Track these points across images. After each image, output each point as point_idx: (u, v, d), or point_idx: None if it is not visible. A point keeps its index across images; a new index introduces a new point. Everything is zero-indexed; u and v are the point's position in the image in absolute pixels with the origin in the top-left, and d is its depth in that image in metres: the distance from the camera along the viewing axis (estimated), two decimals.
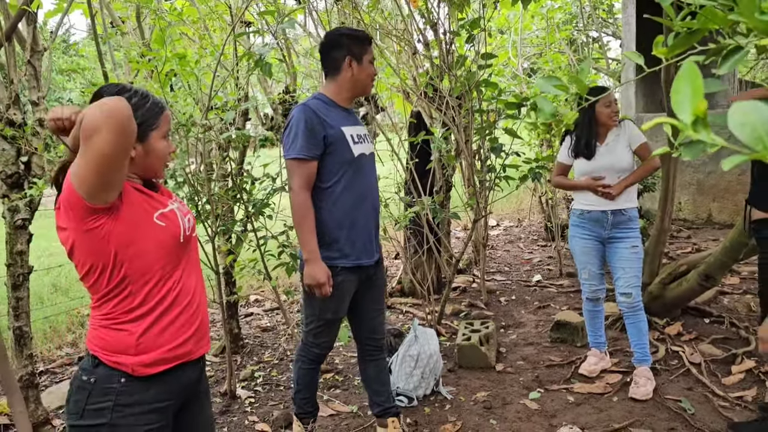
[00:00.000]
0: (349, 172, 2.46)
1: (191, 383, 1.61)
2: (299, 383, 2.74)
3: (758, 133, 0.49)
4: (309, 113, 2.40)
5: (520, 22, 7.14)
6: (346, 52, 2.46)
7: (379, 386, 2.80)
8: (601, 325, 3.47)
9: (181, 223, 1.55)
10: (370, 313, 2.71)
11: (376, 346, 2.77)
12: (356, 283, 2.56)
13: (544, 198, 6.58)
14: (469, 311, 4.67)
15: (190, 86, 3.52)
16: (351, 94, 2.55)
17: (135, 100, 1.50)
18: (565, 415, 2.99)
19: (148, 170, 1.56)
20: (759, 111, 0.50)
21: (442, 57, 4.18)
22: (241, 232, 3.71)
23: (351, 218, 2.48)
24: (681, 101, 0.53)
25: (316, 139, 2.39)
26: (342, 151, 2.44)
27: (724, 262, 3.70)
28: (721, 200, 6.83)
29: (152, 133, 1.52)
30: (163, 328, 1.50)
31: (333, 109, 2.49)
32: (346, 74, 2.48)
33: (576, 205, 3.29)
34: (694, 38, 0.99)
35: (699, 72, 0.53)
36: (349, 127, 2.49)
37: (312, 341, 2.65)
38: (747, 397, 3.04)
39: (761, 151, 0.49)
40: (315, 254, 2.39)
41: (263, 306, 5.20)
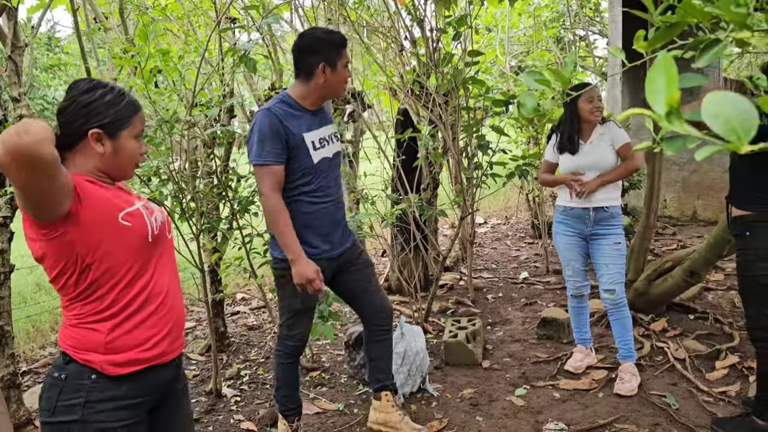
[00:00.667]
0: (309, 176, 2.51)
1: (166, 382, 1.60)
2: (278, 379, 2.78)
3: (732, 124, 0.48)
4: (272, 118, 2.42)
5: (507, 20, 7.15)
6: (321, 58, 2.44)
7: (383, 364, 2.88)
8: (586, 322, 3.48)
9: (147, 222, 1.52)
10: (366, 293, 2.77)
11: (385, 325, 2.82)
12: (327, 272, 2.59)
13: (531, 195, 6.60)
14: (456, 309, 4.67)
15: (175, 83, 3.48)
16: (320, 99, 2.56)
17: (109, 97, 1.49)
18: (551, 412, 3.00)
19: (116, 169, 1.53)
20: (733, 102, 0.49)
21: (428, 54, 4.17)
22: (227, 229, 3.68)
23: (313, 217, 2.54)
24: (655, 92, 0.52)
25: (281, 143, 2.42)
26: (302, 158, 2.48)
27: (709, 259, 3.73)
28: (706, 197, 6.88)
29: (123, 132, 1.50)
30: (134, 329, 1.48)
31: (297, 112, 2.50)
32: (318, 80, 2.47)
33: (560, 202, 3.31)
34: (673, 32, 0.99)
35: (674, 63, 0.53)
36: (311, 133, 2.51)
37: (286, 333, 2.70)
38: (731, 392, 3.06)
39: (734, 141, 0.48)
40: (299, 253, 2.43)
41: (250, 304, 5.18)
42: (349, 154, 4.63)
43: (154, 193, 3.03)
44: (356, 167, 4.66)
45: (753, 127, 0.48)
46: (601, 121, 3.15)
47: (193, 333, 4.58)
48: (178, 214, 3.22)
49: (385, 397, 2.87)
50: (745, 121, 0.48)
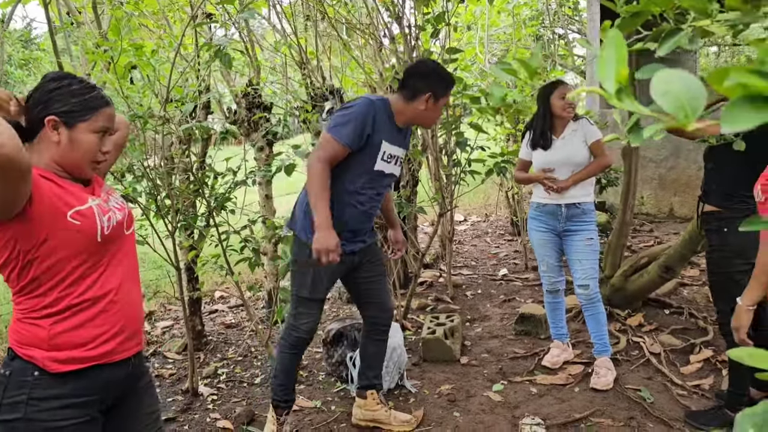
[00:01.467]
0: (362, 178, 2.55)
1: (118, 381, 1.56)
2: (277, 368, 2.78)
3: (680, 102, 0.48)
4: (371, 111, 2.47)
5: (487, 18, 7.17)
6: (431, 88, 2.52)
7: (376, 363, 2.94)
8: (562, 317, 3.50)
9: (98, 222, 1.46)
10: (375, 292, 2.83)
11: (386, 325, 2.89)
12: (336, 266, 2.57)
13: (510, 193, 6.62)
14: (436, 305, 4.67)
15: (149, 78, 3.44)
16: (410, 121, 2.63)
17: (74, 87, 1.46)
18: (528, 407, 3.01)
19: (71, 163, 1.47)
20: (682, 80, 0.49)
21: (407, 52, 4.17)
22: (204, 227, 3.65)
23: (347, 213, 2.56)
24: (606, 70, 0.52)
25: (362, 134, 2.46)
26: (367, 158, 2.52)
27: (683, 254, 3.77)
28: (683, 194, 6.97)
29: (81, 124, 1.45)
30: (78, 327, 1.45)
31: (388, 120, 2.56)
32: (418, 105, 2.55)
33: (534, 198, 3.33)
34: (637, 21, 0.99)
35: (624, 41, 0.53)
36: (390, 145, 2.57)
37: (292, 323, 2.70)
38: (704, 386, 3.10)
39: (682, 119, 0.48)
40: (328, 222, 2.42)
41: (228, 302, 5.14)
42: None
43: (128, 190, 2.98)
44: None
45: (701, 105, 0.47)
46: (574, 117, 3.17)
47: (170, 331, 4.53)
48: (153, 212, 3.18)
49: (370, 396, 2.91)
50: (693, 99, 0.48)
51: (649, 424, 2.77)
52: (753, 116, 0.39)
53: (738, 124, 0.40)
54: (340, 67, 5.02)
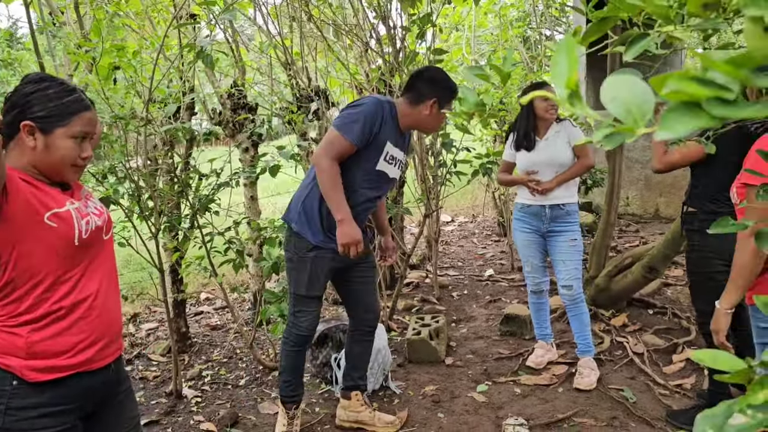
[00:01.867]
0: (364, 179, 2.57)
1: (98, 388, 1.54)
2: (283, 366, 2.80)
3: (628, 107, 0.49)
4: (379, 110, 2.50)
5: (474, 19, 7.19)
6: (436, 95, 2.54)
7: (361, 364, 2.95)
8: (547, 318, 3.52)
9: (76, 225, 1.44)
10: (364, 294, 2.86)
11: (372, 326, 2.91)
12: (332, 263, 2.63)
13: (497, 194, 6.64)
14: (422, 306, 4.68)
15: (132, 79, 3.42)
16: (414, 127, 2.67)
17: (52, 91, 1.43)
18: (512, 407, 3.02)
19: (49, 168, 1.45)
20: (629, 85, 0.49)
21: (393, 53, 4.17)
22: (188, 228, 3.63)
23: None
24: (558, 75, 0.52)
25: (369, 133, 2.48)
26: (370, 158, 2.54)
27: (667, 255, 3.80)
28: (668, 195, 7.02)
29: (58, 130, 1.43)
30: (57, 335, 1.43)
31: (393, 122, 2.58)
32: (422, 110, 2.57)
33: (518, 199, 3.34)
34: (605, 26, 0.99)
35: (575, 46, 0.53)
36: (393, 147, 2.60)
37: (293, 321, 2.73)
38: (686, 385, 3.12)
39: (630, 124, 0.48)
40: (348, 215, 2.46)
41: (214, 304, 5.11)
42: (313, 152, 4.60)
43: (108, 191, 2.96)
44: None
45: (649, 109, 0.48)
46: (557, 119, 3.19)
47: (154, 334, 4.50)
48: (136, 214, 3.16)
49: (355, 397, 2.92)
50: (641, 104, 0.48)
51: (631, 424, 2.79)
52: (689, 122, 0.39)
53: (675, 130, 0.40)
54: (326, 68, 5.01)
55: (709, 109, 0.39)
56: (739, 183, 1.93)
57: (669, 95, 0.41)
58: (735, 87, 0.39)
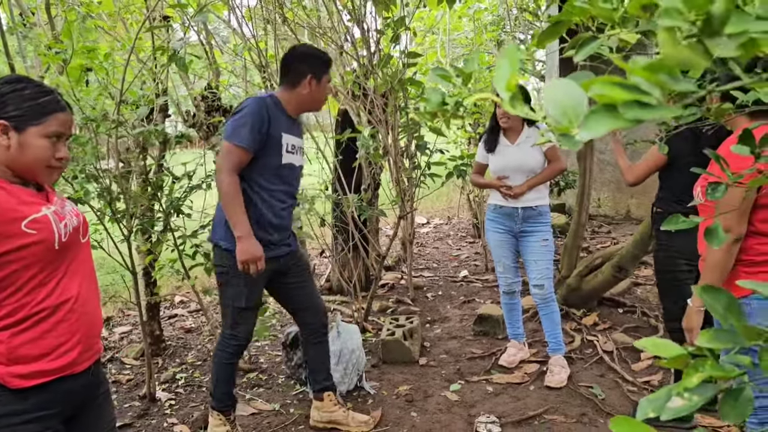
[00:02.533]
0: (273, 175, 2.57)
1: (79, 391, 1.53)
2: (218, 378, 2.78)
3: (563, 109, 0.52)
4: (263, 107, 2.49)
5: (448, 23, 7.26)
6: (311, 70, 2.55)
7: (323, 365, 2.95)
8: (519, 317, 3.57)
9: (55, 229, 1.43)
10: (305, 296, 2.84)
11: (322, 327, 2.91)
12: (269, 272, 2.64)
13: (472, 195, 6.71)
14: (396, 307, 4.71)
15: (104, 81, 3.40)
16: (301, 108, 2.65)
17: (27, 91, 1.43)
18: (484, 405, 3.06)
19: (23, 169, 1.44)
20: (567, 88, 0.53)
21: (368, 55, 4.20)
22: (161, 231, 3.61)
23: (267, 217, 2.58)
24: (500, 78, 0.55)
25: (260, 134, 2.47)
26: (272, 155, 2.54)
27: (635, 255, 3.89)
28: (639, 197, 7.15)
29: (31, 128, 1.42)
30: (38, 338, 1.42)
31: (281, 114, 2.58)
32: (303, 89, 2.57)
33: (491, 200, 3.40)
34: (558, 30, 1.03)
35: (518, 51, 0.56)
36: (289, 136, 2.60)
37: (230, 333, 2.71)
38: (654, 382, 3.20)
39: (566, 124, 0.52)
40: (248, 231, 2.46)
41: (188, 307, 5.08)
42: None
43: (79, 193, 2.94)
44: None
45: (583, 111, 0.51)
46: (529, 123, 3.25)
47: (128, 337, 4.46)
48: (108, 216, 3.14)
49: (327, 398, 2.93)
50: (576, 106, 0.52)
51: (600, 420, 2.85)
52: (607, 123, 0.43)
53: (594, 130, 0.44)
54: None
55: (624, 112, 0.42)
56: (704, 181, 1.99)
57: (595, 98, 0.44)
58: (655, 92, 0.43)
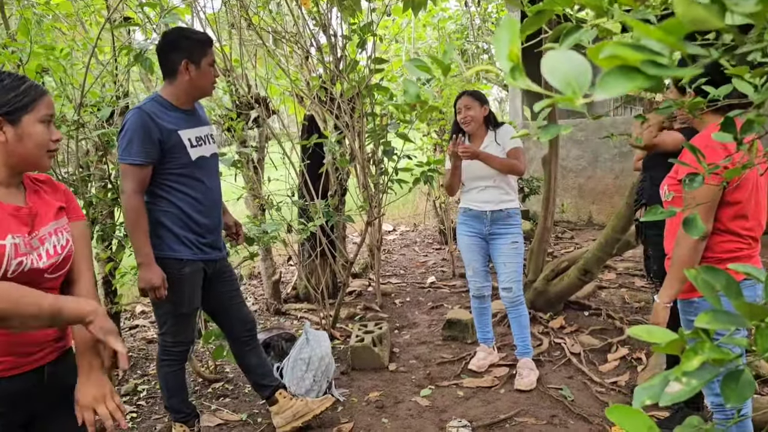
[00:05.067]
0: (188, 174, 2.50)
1: (29, 392, 1.46)
2: (170, 388, 2.72)
3: (567, 79, 0.50)
4: (144, 118, 2.38)
5: (413, 31, 7.30)
6: (185, 55, 2.44)
7: (263, 369, 2.89)
8: (488, 321, 3.57)
9: (4, 264, 1.34)
10: (235, 307, 2.79)
11: (251, 335, 2.85)
12: (202, 275, 2.61)
13: (438, 202, 6.73)
14: (364, 314, 4.67)
15: (62, 82, 3.29)
16: (189, 97, 2.54)
17: (6, 82, 1.40)
18: (455, 410, 3.04)
19: (25, 159, 1.42)
20: (568, 58, 0.51)
21: (334, 61, 4.18)
22: (123, 237, 3.50)
23: (194, 218, 2.53)
24: (500, 50, 0.53)
25: (152, 144, 2.39)
26: (179, 155, 2.47)
27: (600, 257, 3.94)
28: (600, 203, 7.28)
29: (25, 117, 1.40)
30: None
31: (170, 111, 2.48)
32: (183, 77, 2.47)
33: (461, 204, 3.40)
34: (540, 20, 1.02)
35: (517, 23, 0.55)
36: (187, 130, 2.50)
37: (171, 341, 2.65)
38: (621, 382, 3.23)
39: (569, 94, 0.50)
40: (149, 258, 2.42)
41: (149, 317, 4.94)
42: (253, 159, 4.55)
43: None
44: (261, 173, 4.58)
45: (587, 81, 0.50)
46: (494, 126, 3.25)
47: None
48: None
49: (280, 396, 2.87)
50: (579, 75, 0.50)
51: (570, 421, 2.86)
52: (625, 84, 0.41)
53: (611, 91, 0.42)
54: (266, 76, 4.97)
55: (646, 69, 0.41)
56: (670, 179, 2.02)
57: (605, 61, 0.43)
58: (666, 52, 0.41)
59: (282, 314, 4.77)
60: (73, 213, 1.59)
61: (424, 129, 6.41)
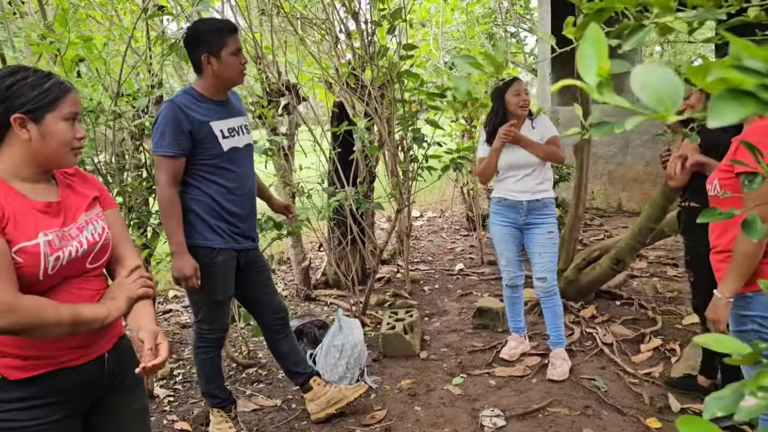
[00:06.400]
0: (221, 165, 2.52)
1: (91, 380, 1.50)
2: (207, 375, 2.77)
3: (660, 95, 0.49)
4: (175, 110, 2.41)
5: (441, 16, 7.22)
6: (204, 49, 2.44)
7: (296, 356, 2.92)
8: (521, 311, 3.56)
9: (42, 262, 1.36)
10: (267, 296, 2.82)
11: (283, 323, 2.88)
12: (235, 264, 2.64)
13: (466, 189, 6.70)
14: (394, 301, 4.69)
15: (99, 72, 3.33)
16: (219, 89, 2.55)
17: (31, 79, 1.41)
18: (487, 399, 3.05)
19: (49, 158, 1.42)
20: (660, 74, 0.50)
21: (363, 47, 4.16)
22: (158, 224, 3.56)
23: (226, 207, 2.55)
24: (586, 63, 0.53)
25: (183, 136, 2.41)
26: (211, 147, 2.49)
27: (633, 246, 3.89)
28: (630, 190, 7.18)
29: (49, 115, 1.40)
30: (24, 344, 1.37)
31: (202, 103, 2.50)
32: (207, 71, 2.48)
33: (494, 194, 3.36)
34: (600, 18, 1.01)
35: (603, 34, 0.54)
36: (219, 122, 2.52)
37: (207, 328, 2.69)
38: (654, 373, 3.21)
39: (662, 111, 0.49)
40: (182, 247, 2.46)
41: (182, 302, 5.03)
42: (284, 147, 4.56)
43: None
44: (292, 161, 4.60)
45: (680, 98, 0.49)
46: (530, 115, 3.22)
47: None
48: None
49: (314, 383, 2.91)
50: (672, 92, 0.49)
51: (603, 412, 2.85)
52: (737, 110, 0.40)
53: (725, 118, 0.41)
54: (296, 63, 4.97)
55: (760, 94, 0.40)
56: (720, 173, 1.96)
57: (712, 84, 0.42)
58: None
59: (312, 300, 4.81)
60: (106, 202, 1.62)
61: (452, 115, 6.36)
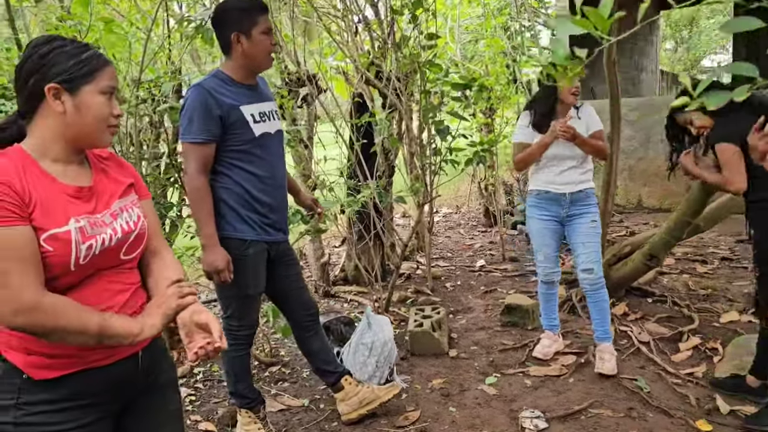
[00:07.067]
0: (252, 151, 2.39)
1: (123, 380, 1.37)
2: (237, 373, 2.64)
3: None
4: (204, 94, 2.28)
5: (458, 8, 7.09)
6: (235, 27, 2.31)
7: (327, 355, 2.80)
8: (555, 308, 3.43)
9: (73, 251, 1.25)
10: (296, 291, 2.70)
11: (313, 320, 2.76)
12: (266, 257, 2.51)
13: (483, 183, 6.57)
14: (416, 298, 4.56)
15: (115, 57, 3.21)
16: (248, 71, 2.41)
17: (68, 48, 1.29)
18: (525, 399, 2.92)
19: (83, 134, 1.30)
20: None
21: (384, 37, 4.03)
22: (177, 217, 3.44)
23: (256, 197, 2.42)
24: None
25: (212, 121, 2.28)
26: (242, 131, 2.35)
27: (668, 242, 3.76)
28: (651, 185, 7.04)
29: (85, 87, 1.28)
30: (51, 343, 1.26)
31: (231, 87, 2.37)
32: (236, 51, 2.34)
33: (533, 186, 3.22)
34: None
35: None
36: (249, 106, 2.38)
37: (237, 324, 2.57)
38: (697, 374, 3.07)
39: None
40: (213, 239, 2.32)
41: (200, 297, 4.90)
42: (303, 137, 4.44)
43: None
44: (312, 151, 4.47)
45: None
46: (575, 105, 3.10)
47: None
48: None
49: (345, 382, 2.79)
50: None
51: (649, 414, 2.72)
52: None
53: None
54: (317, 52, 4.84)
55: None
56: None
57: None
58: None
59: (331, 296, 4.68)
60: (141, 191, 1.50)
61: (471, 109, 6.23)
